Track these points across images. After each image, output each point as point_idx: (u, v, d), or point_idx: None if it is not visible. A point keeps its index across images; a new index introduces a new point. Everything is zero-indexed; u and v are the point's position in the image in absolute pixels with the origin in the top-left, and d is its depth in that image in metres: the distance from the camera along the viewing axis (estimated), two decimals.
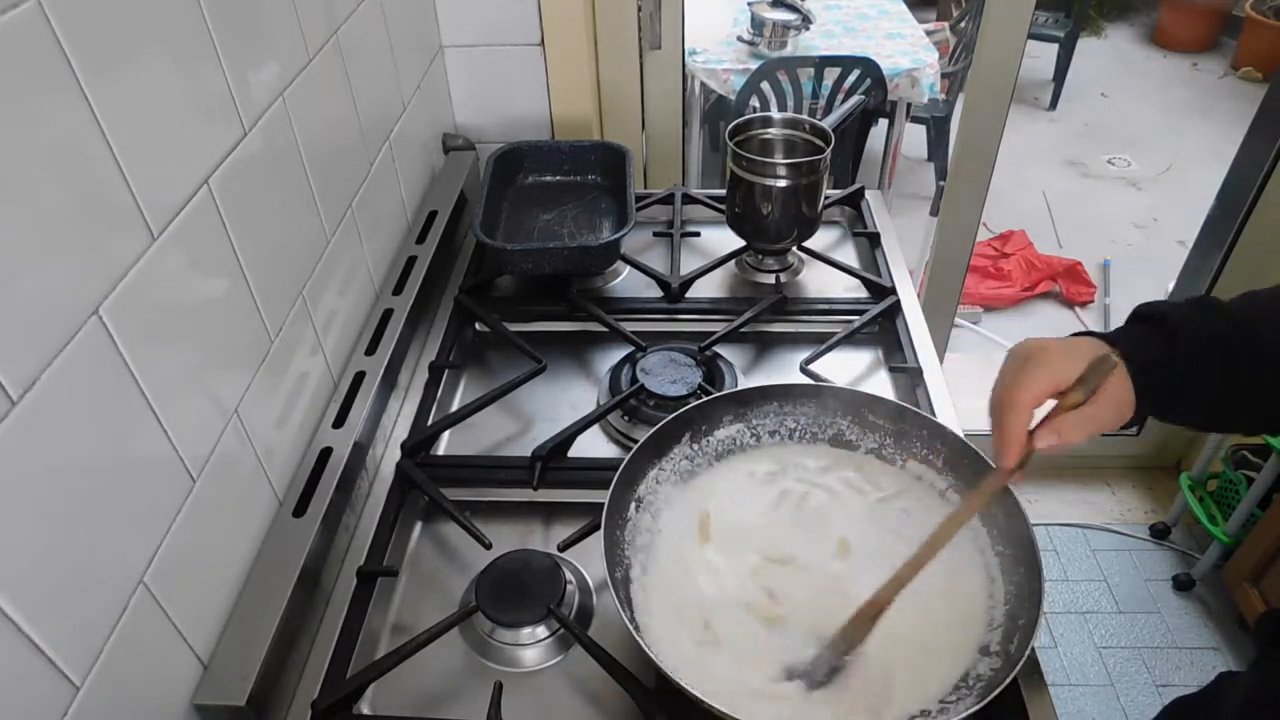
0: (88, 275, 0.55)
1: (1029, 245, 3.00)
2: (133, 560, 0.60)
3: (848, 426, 0.85)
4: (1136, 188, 3.62)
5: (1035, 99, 4.19)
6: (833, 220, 1.29)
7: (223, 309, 0.72)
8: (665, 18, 1.50)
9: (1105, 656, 1.82)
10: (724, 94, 2.66)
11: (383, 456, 0.93)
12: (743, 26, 2.74)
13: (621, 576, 0.73)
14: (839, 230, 1.29)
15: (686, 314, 1.11)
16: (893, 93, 2.66)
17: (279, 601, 0.72)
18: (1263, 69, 4.29)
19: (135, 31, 0.59)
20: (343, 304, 0.96)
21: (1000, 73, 1.62)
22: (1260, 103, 1.79)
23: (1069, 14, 4.12)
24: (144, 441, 0.61)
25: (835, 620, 0.69)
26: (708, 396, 0.86)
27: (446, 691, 0.75)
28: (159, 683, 0.64)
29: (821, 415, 0.86)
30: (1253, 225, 1.81)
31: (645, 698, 0.69)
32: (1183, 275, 2.06)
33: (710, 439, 0.84)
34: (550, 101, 1.36)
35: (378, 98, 1.05)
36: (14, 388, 0.49)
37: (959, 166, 1.78)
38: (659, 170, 1.68)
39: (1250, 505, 1.80)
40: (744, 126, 1.14)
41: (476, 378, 1.08)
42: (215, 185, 0.69)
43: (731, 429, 0.85)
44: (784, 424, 0.86)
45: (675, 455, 0.82)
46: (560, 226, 1.19)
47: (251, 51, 0.75)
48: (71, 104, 0.54)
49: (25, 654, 0.50)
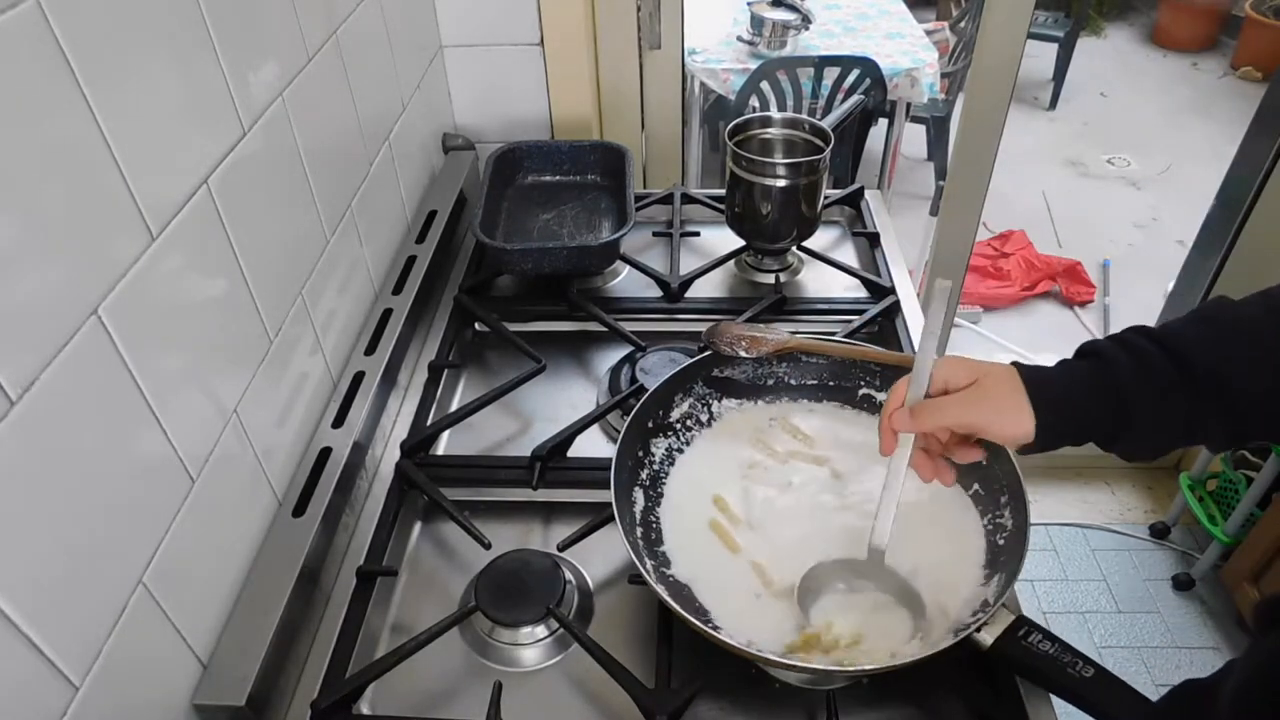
0: (87, 275, 0.55)
1: (1029, 245, 3.00)
2: (132, 560, 0.60)
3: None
4: (1136, 187, 3.61)
5: (1035, 99, 4.19)
6: (832, 220, 1.29)
7: (222, 309, 0.72)
8: (665, 17, 1.50)
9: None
10: (724, 94, 2.66)
11: (382, 456, 0.93)
12: (742, 26, 2.74)
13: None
14: (838, 230, 1.29)
15: (686, 314, 1.11)
16: (892, 92, 2.66)
17: (278, 601, 0.72)
18: (1262, 69, 4.29)
19: (134, 31, 0.59)
20: (342, 304, 0.96)
21: (1000, 73, 1.62)
22: (1260, 102, 1.79)
23: (1069, 14, 4.12)
24: (143, 441, 0.61)
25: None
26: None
27: (446, 691, 0.75)
28: (158, 683, 0.64)
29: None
30: (1252, 225, 1.81)
31: (645, 697, 0.69)
32: (1182, 275, 2.06)
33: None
34: (550, 101, 1.36)
35: (377, 97, 1.05)
36: (13, 388, 0.49)
37: (959, 166, 1.78)
38: (658, 170, 1.68)
39: (1250, 505, 1.80)
40: (744, 126, 1.14)
41: (476, 377, 1.08)
42: (215, 185, 0.69)
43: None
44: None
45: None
46: (560, 226, 1.19)
47: (251, 51, 0.75)
48: (71, 103, 0.54)
49: (24, 654, 0.50)
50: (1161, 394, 0.61)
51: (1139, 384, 0.61)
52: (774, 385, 0.93)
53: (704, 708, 0.72)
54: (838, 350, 0.89)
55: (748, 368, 0.92)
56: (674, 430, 0.88)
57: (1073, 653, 0.67)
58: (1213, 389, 0.60)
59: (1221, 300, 0.63)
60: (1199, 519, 1.91)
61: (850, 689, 0.72)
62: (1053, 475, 2.20)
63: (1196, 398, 0.60)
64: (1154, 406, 0.61)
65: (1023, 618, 0.70)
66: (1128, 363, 0.62)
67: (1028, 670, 0.69)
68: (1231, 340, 0.60)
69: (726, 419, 0.91)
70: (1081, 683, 0.65)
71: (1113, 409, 0.62)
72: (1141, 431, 0.62)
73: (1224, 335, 0.61)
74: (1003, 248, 3.00)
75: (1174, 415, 0.61)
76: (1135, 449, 0.63)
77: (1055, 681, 0.66)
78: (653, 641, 0.75)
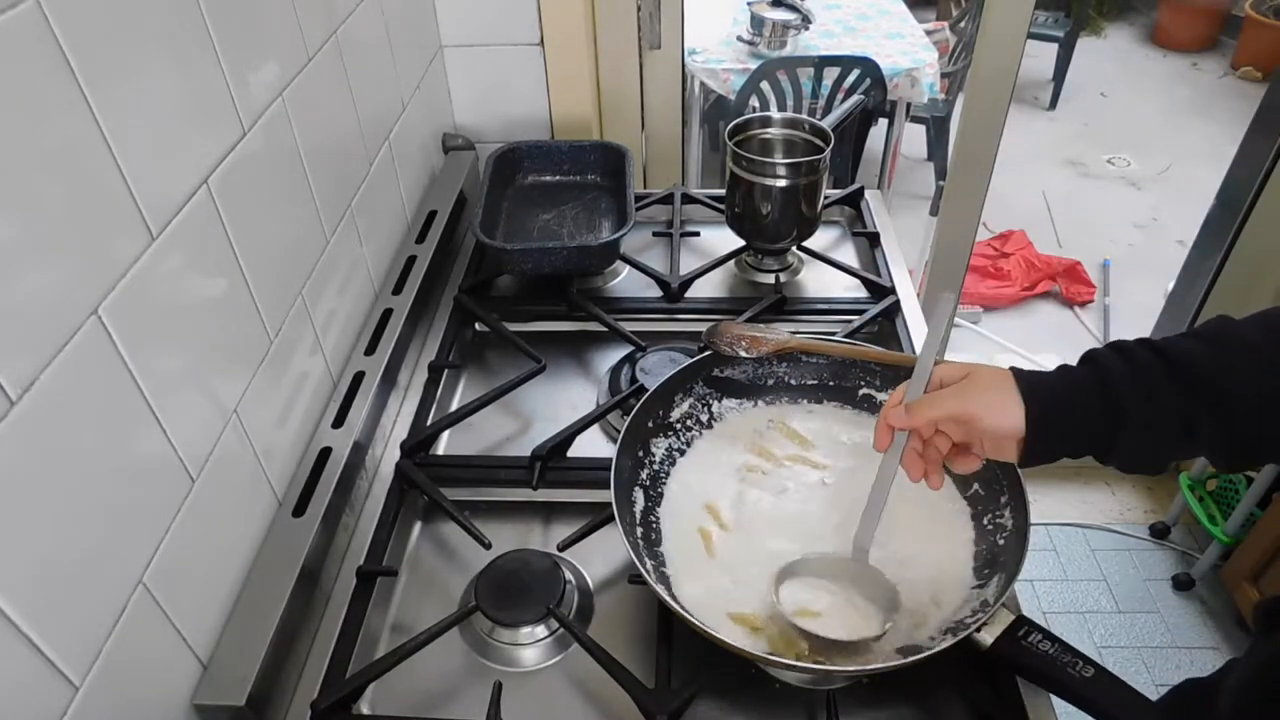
0: (87, 275, 0.55)
1: (1029, 245, 3.00)
2: (132, 560, 0.60)
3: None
4: (1136, 187, 3.61)
5: (1035, 99, 4.19)
6: (832, 220, 1.29)
7: (222, 309, 0.72)
8: (665, 17, 1.50)
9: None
10: (724, 94, 2.65)
11: (382, 456, 0.93)
12: (742, 26, 2.74)
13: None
14: (838, 230, 1.29)
15: (686, 314, 1.11)
16: (892, 92, 2.66)
17: (278, 601, 0.72)
18: (1262, 69, 4.29)
19: (134, 31, 0.59)
20: (342, 304, 0.96)
21: (1000, 73, 1.62)
22: (1260, 102, 1.79)
23: (1069, 14, 4.12)
24: (143, 441, 0.61)
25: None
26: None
27: (446, 691, 0.75)
28: (158, 683, 0.64)
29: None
30: (1252, 225, 1.81)
31: (645, 697, 0.69)
32: (1182, 275, 2.06)
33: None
34: (550, 101, 1.36)
35: (377, 97, 1.05)
36: (13, 388, 0.49)
37: (959, 166, 1.78)
38: (658, 170, 1.68)
39: (1249, 505, 1.80)
40: (744, 126, 1.14)
41: (476, 377, 1.08)
42: (215, 185, 0.69)
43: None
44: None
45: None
46: (560, 226, 1.19)
47: (251, 51, 0.75)
48: (70, 103, 0.54)
49: (24, 654, 0.50)
50: (1152, 391, 0.61)
51: (1130, 381, 0.62)
52: (774, 385, 0.93)
53: (704, 708, 0.72)
54: (838, 350, 0.89)
55: (748, 368, 0.92)
56: (674, 430, 0.88)
57: (1073, 653, 0.67)
58: (1208, 391, 0.60)
59: (1221, 318, 0.64)
60: (1199, 519, 1.91)
61: (850, 689, 0.72)
62: (1053, 475, 2.20)
63: (1191, 396, 0.60)
64: (1145, 403, 0.61)
65: (1023, 618, 0.70)
66: (1120, 364, 0.63)
67: (1028, 670, 0.69)
68: (1229, 353, 0.61)
69: (727, 419, 0.91)
70: (1082, 683, 0.65)
71: (1103, 406, 0.62)
72: (1135, 431, 0.62)
73: (1222, 349, 0.61)
74: (1003, 248, 3.00)
75: (1167, 413, 0.61)
76: (1133, 453, 0.63)
77: (1055, 681, 0.66)
78: (653, 641, 0.75)
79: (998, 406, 0.64)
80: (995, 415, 0.64)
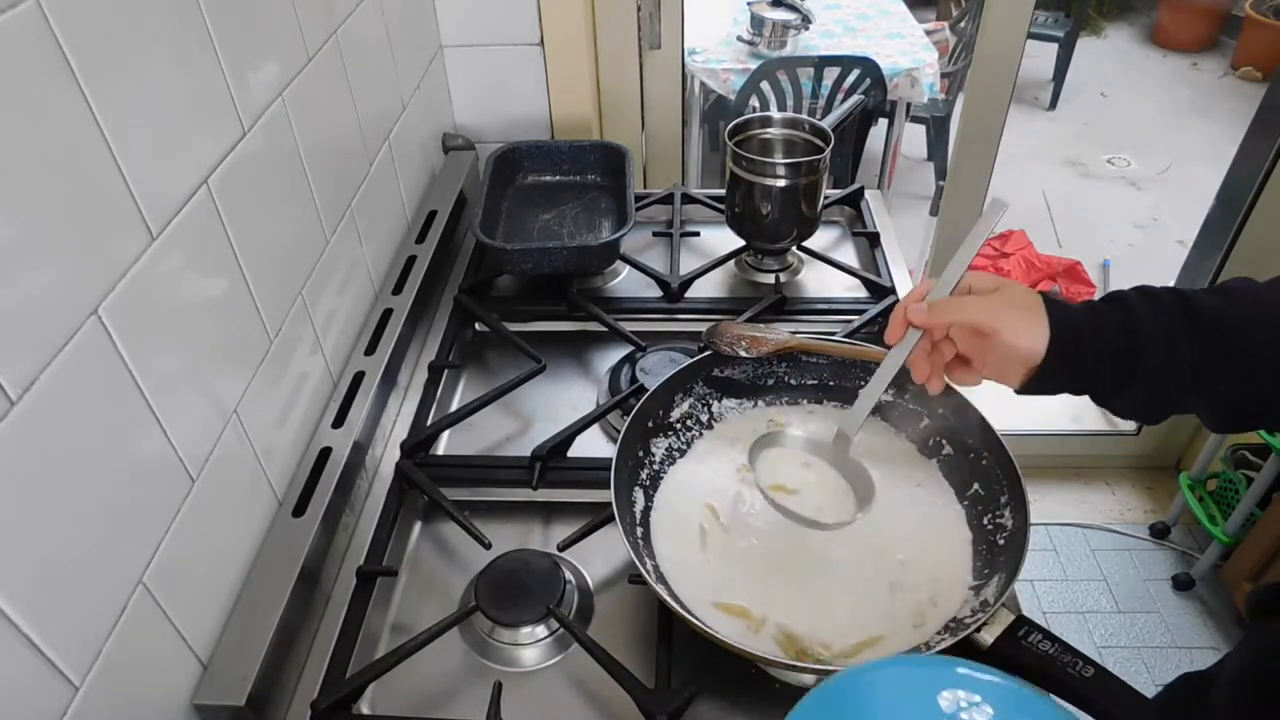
0: (87, 275, 0.55)
1: (1029, 245, 3.00)
2: (132, 560, 0.60)
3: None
4: (1136, 187, 3.61)
5: (1035, 99, 4.19)
6: (832, 220, 1.29)
7: (222, 309, 0.72)
8: (665, 17, 1.50)
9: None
10: (724, 94, 2.65)
11: (382, 456, 0.93)
12: (742, 26, 2.74)
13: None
14: (838, 230, 1.29)
15: (686, 314, 1.11)
16: (892, 92, 2.66)
17: (278, 601, 0.72)
18: (1262, 69, 4.29)
19: (134, 31, 0.59)
20: (342, 304, 0.96)
21: (1000, 72, 1.62)
22: (1260, 102, 1.79)
23: (1069, 14, 4.12)
24: (143, 441, 0.61)
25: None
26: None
27: (446, 691, 0.75)
28: (158, 683, 0.64)
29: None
30: (1252, 225, 1.81)
31: (645, 697, 0.69)
32: (1182, 275, 2.06)
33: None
34: (550, 101, 1.36)
35: (377, 97, 1.05)
36: (13, 388, 0.49)
37: (959, 166, 1.78)
38: (658, 170, 1.68)
39: (1250, 505, 1.80)
40: (744, 126, 1.14)
41: (476, 377, 1.08)
42: (214, 185, 0.69)
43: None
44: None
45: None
46: (560, 226, 1.19)
47: (251, 51, 0.75)
48: (70, 103, 0.54)
49: (24, 654, 0.50)
50: (1174, 340, 0.61)
51: (1155, 328, 0.62)
52: (774, 385, 0.93)
53: (704, 708, 0.72)
54: (838, 350, 0.89)
55: (748, 368, 0.92)
56: (674, 430, 0.88)
57: (1073, 652, 0.67)
58: (1228, 347, 0.60)
59: (1245, 278, 0.65)
60: (1199, 519, 1.91)
61: None
62: (1053, 475, 2.20)
63: (1209, 351, 0.61)
64: (1165, 351, 0.61)
65: (1023, 618, 0.70)
66: (1147, 309, 0.63)
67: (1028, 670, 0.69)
68: (1248, 310, 0.61)
69: (727, 419, 0.91)
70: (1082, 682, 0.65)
71: (1124, 347, 0.62)
72: (1148, 376, 0.62)
73: (1244, 308, 0.62)
74: (1003, 248, 3.00)
75: (1182, 365, 0.61)
76: (1138, 399, 0.63)
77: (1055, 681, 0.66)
78: (653, 641, 0.75)
79: (1022, 326, 0.63)
80: (1018, 334, 0.63)
